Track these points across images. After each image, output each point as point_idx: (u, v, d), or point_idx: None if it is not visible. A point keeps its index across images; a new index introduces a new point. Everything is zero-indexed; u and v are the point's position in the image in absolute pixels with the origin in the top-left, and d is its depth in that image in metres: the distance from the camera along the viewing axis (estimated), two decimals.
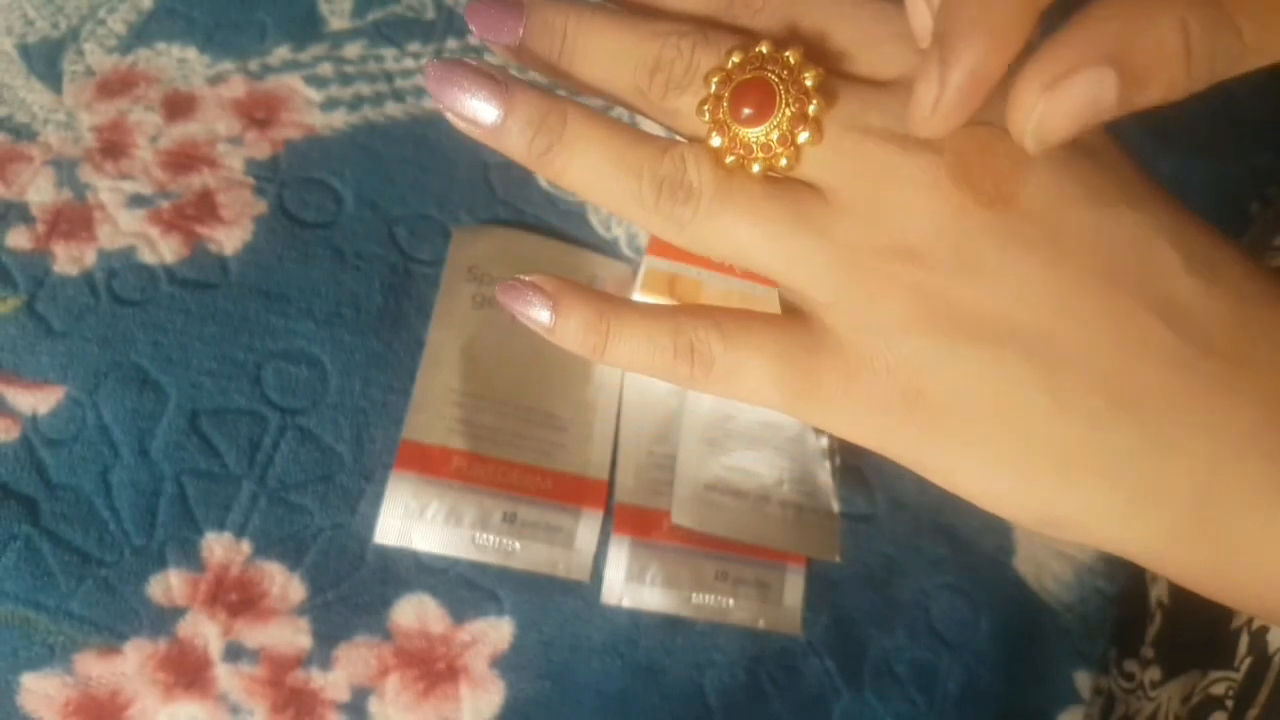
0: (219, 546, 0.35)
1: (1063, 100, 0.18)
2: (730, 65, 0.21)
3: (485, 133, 0.22)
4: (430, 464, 0.37)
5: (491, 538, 0.37)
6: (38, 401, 0.36)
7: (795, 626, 0.38)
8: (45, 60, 0.43)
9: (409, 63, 0.45)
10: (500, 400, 0.39)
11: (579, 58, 0.22)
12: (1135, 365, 0.19)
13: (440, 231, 0.42)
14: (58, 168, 0.40)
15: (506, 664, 0.35)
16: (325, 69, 0.44)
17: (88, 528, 0.35)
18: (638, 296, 0.39)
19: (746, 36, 0.22)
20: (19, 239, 0.39)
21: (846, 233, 0.21)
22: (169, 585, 0.34)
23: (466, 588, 0.36)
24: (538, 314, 0.23)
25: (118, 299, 0.38)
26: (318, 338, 0.39)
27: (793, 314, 0.22)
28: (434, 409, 0.38)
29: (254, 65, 0.44)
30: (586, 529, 0.38)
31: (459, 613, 0.36)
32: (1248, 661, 0.31)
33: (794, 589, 0.38)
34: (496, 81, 0.22)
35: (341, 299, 0.40)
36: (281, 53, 0.44)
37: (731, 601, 0.37)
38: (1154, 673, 0.36)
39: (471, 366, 0.39)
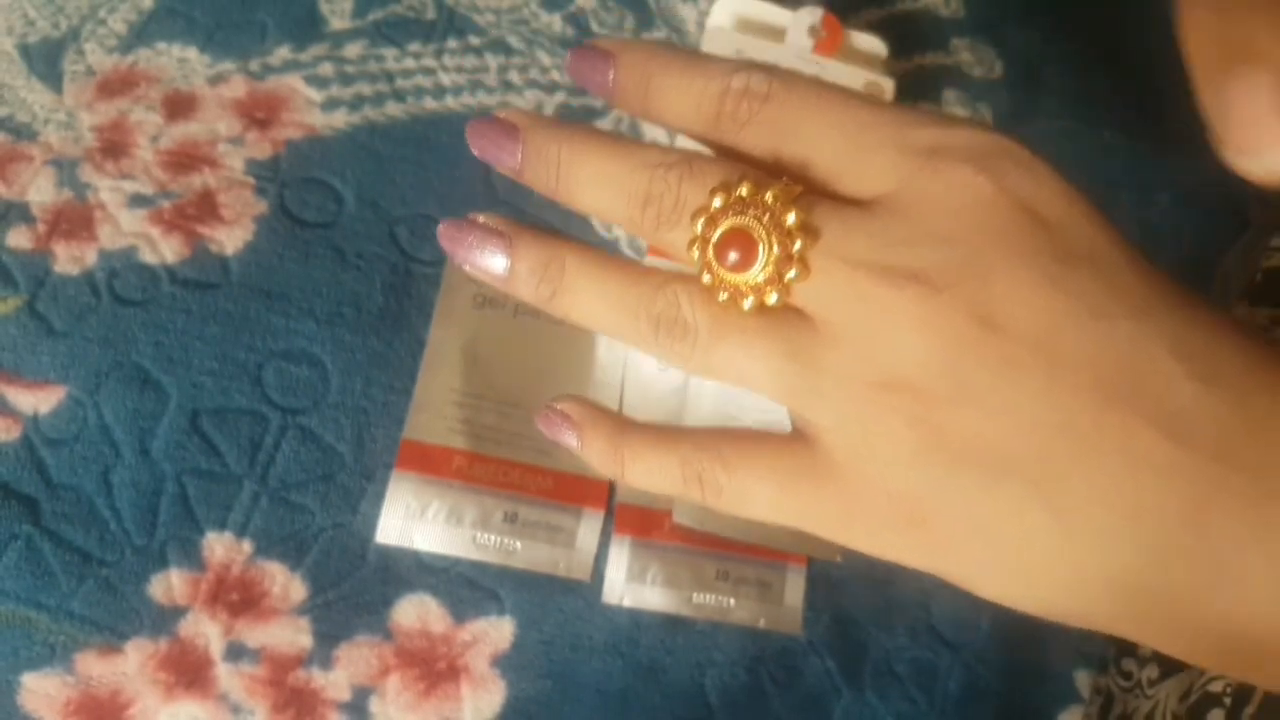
0: (220, 546, 0.35)
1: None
2: (714, 208, 0.21)
3: (497, 281, 0.23)
4: (431, 464, 0.37)
5: (492, 537, 0.37)
6: (39, 401, 0.36)
7: (796, 626, 0.38)
8: (46, 60, 0.43)
9: (409, 62, 0.45)
10: (501, 400, 0.39)
11: (574, 187, 0.23)
12: (1135, 479, 0.19)
13: None
14: (58, 167, 0.40)
15: (507, 663, 0.35)
16: (326, 69, 0.44)
17: (89, 527, 0.35)
18: None
19: (730, 165, 0.22)
20: (20, 239, 0.39)
21: (840, 364, 0.21)
22: (170, 585, 0.34)
23: (467, 587, 0.36)
24: (567, 440, 0.24)
25: (119, 299, 0.38)
26: (319, 337, 0.39)
27: (797, 434, 0.22)
28: (435, 409, 0.38)
29: (255, 65, 0.44)
30: (587, 529, 0.38)
31: (460, 612, 0.36)
32: None
33: (795, 589, 0.38)
34: (501, 235, 0.23)
35: (342, 299, 0.40)
36: (282, 53, 0.44)
37: (732, 601, 0.37)
38: (1151, 671, 0.36)
39: (472, 366, 0.39)
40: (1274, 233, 0.45)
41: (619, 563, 0.37)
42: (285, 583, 0.35)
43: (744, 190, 0.21)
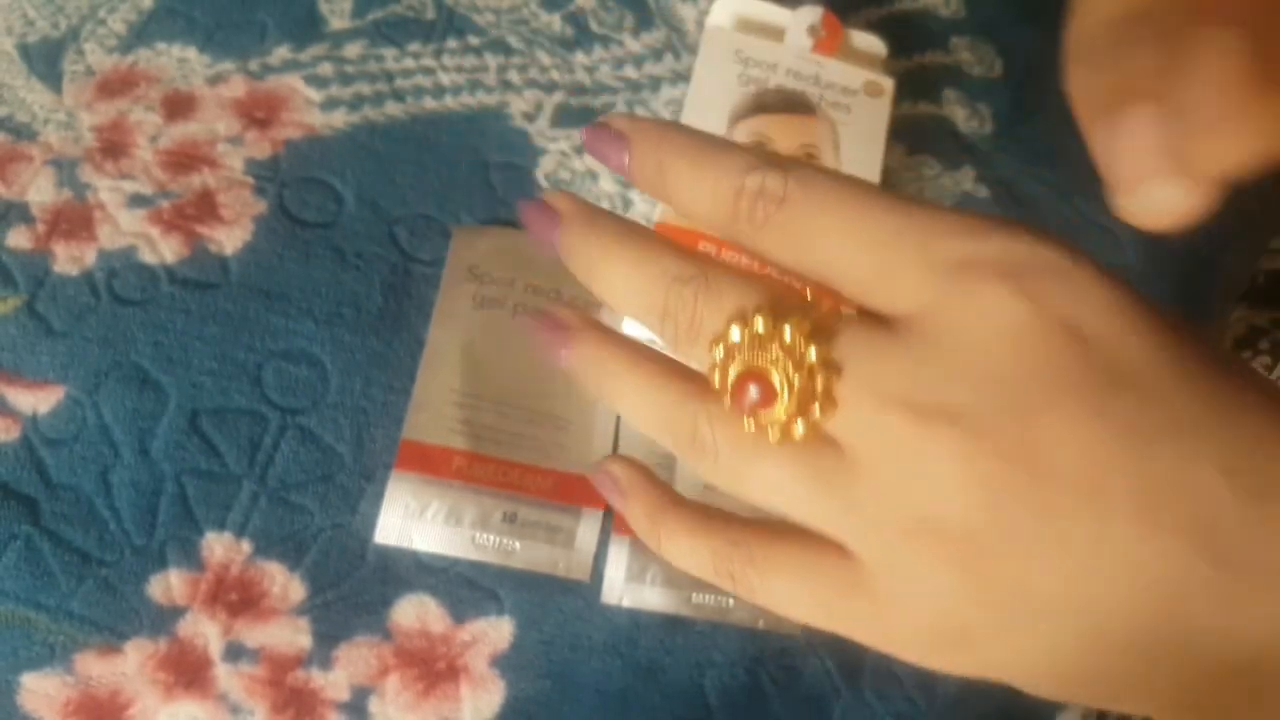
0: (219, 546, 0.35)
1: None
2: (730, 341, 0.21)
3: (562, 366, 0.24)
4: (430, 464, 0.37)
5: (492, 537, 0.37)
6: (38, 401, 0.36)
7: (795, 626, 0.38)
8: (45, 60, 0.43)
9: (409, 62, 0.45)
10: (500, 400, 0.39)
11: (604, 287, 0.23)
12: (1181, 606, 0.19)
13: (441, 231, 0.42)
14: (58, 167, 0.40)
15: (507, 663, 0.35)
16: (325, 69, 0.44)
17: (88, 527, 0.35)
18: None
19: (747, 284, 0.21)
20: (19, 239, 0.39)
21: (875, 499, 0.20)
22: (169, 585, 0.34)
23: (467, 587, 0.36)
24: (613, 502, 0.25)
25: (118, 299, 0.38)
26: (318, 337, 0.39)
27: (833, 540, 0.22)
28: (434, 409, 0.38)
29: (254, 65, 0.44)
30: (587, 529, 0.38)
31: (459, 612, 0.36)
32: None
33: None
34: (564, 328, 0.24)
35: (342, 299, 0.40)
36: (282, 52, 0.44)
37: (732, 602, 0.37)
38: None
39: (472, 366, 0.39)
40: (1274, 234, 0.45)
41: (618, 563, 0.37)
42: (284, 583, 0.35)
43: (759, 325, 0.20)
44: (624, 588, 0.37)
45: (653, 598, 0.37)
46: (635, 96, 0.47)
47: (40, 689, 0.32)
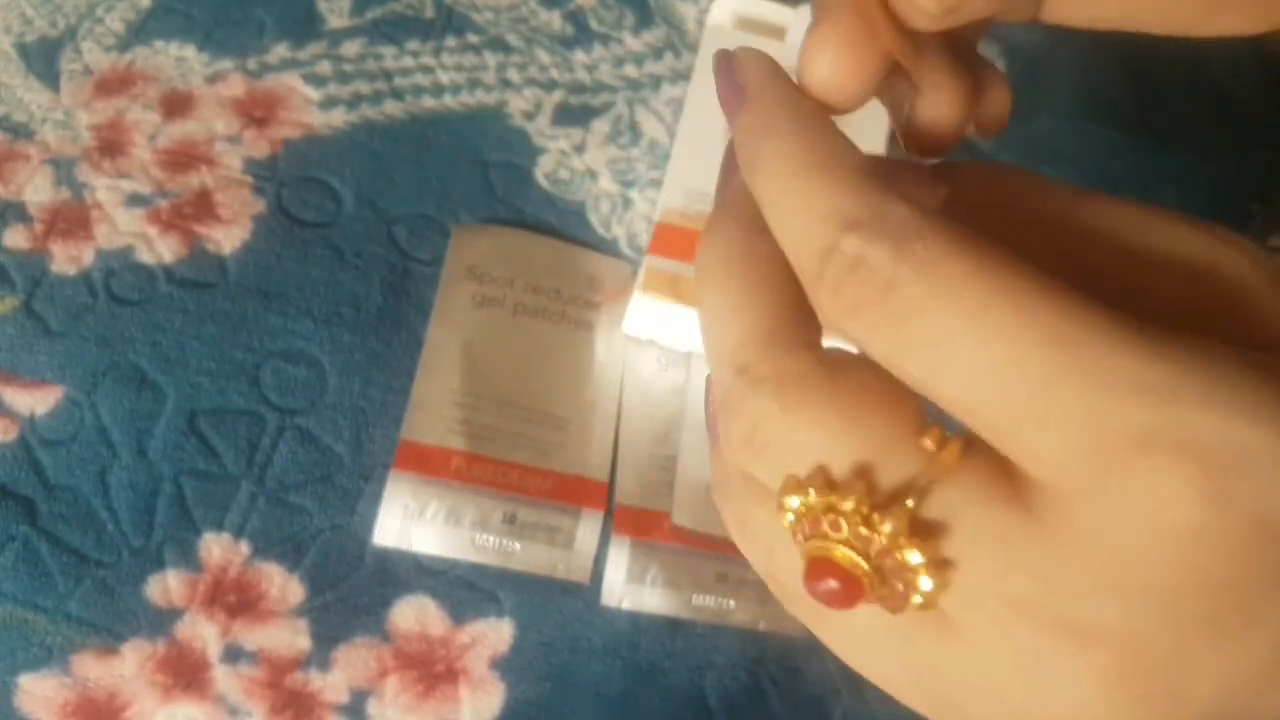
0: (217, 547, 0.35)
1: None
2: (792, 507, 0.16)
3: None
4: (429, 464, 0.37)
5: (491, 539, 0.36)
6: (36, 402, 0.36)
7: (796, 627, 0.38)
8: (43, 59, 0.43)
9: (408, 61, 0.45)
10: (500, 400, 0.39)
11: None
12: None
13: (439, 231, 0.41)
14: (56, 167, 0.40)
15: (506, 665, 0.35)
16: (324, 67, 0.44)
17: (86, 528, 0.34)
18: (638, 296, 0.39)
19: (837, 416, 0.16)
20: (16, 238, 0.38)
21: (983, 687, 0.16)
22: (167, 586, 0.34)
23: (466, 589, 0.36)
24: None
25: (116, 299, 0.38)
26: (316, 337, 0.39)
27: None
28: (433, 409, 0.38)
29: (252, 64, 0.44)
30: (587, 530, 0.37)
31: (458, 614, 0.36)
32: None
33: None
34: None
35: (340, 298, 0.39)
36: (280, 51, 0.44)
37: (732, 603, 0.37)
38: None
39: (471, 366, 0.39)
40: (1271, 233, 0.45)
41: (618, 564, 0.37)
42: (283, 584, 0.35)
43: (847, 503, 0.15)
44: (624, 589, 0.37)
45: (652, 599, 0.37)
46: (635, 95, 0.46)
47: (38, 690, 0.32)
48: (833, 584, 0.16)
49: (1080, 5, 0.20)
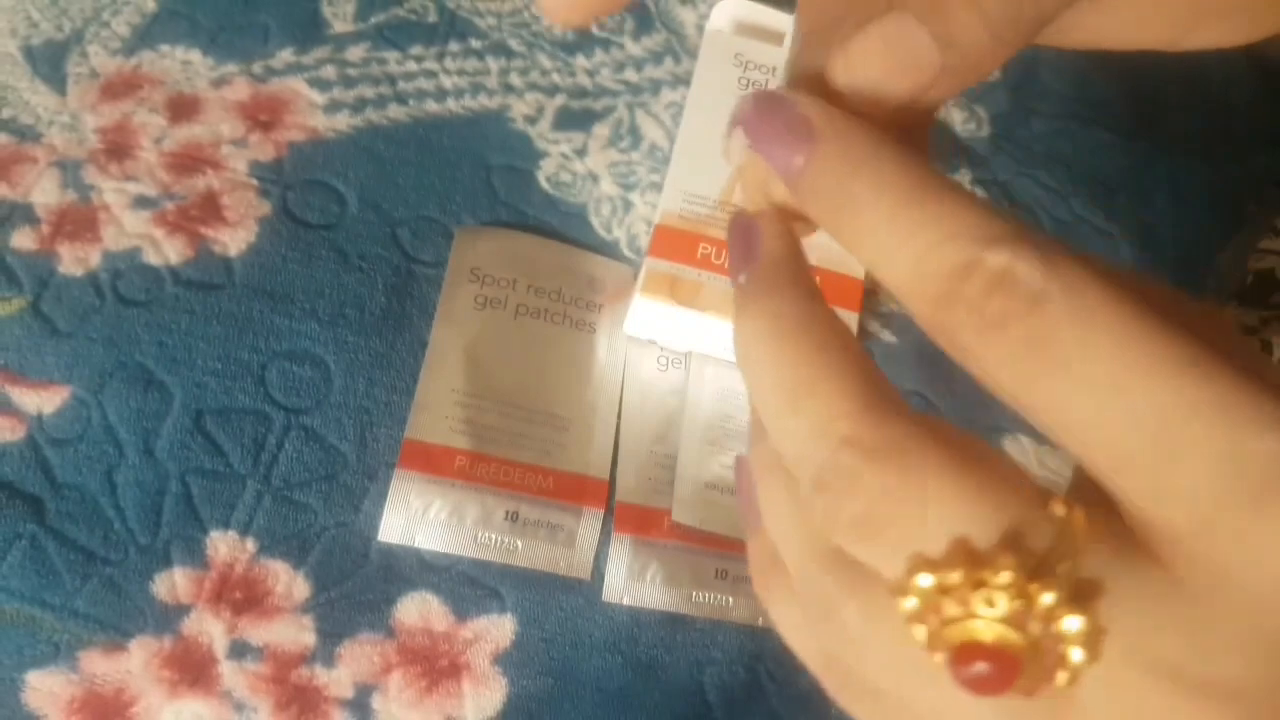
0: (223, 545, 0.35)
1: (870, 38, 0.16)
2: (939, 577, 0.14)
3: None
4: (433, 463, 0.37)
5: (494, 536, 0.37)
6: (43, 401, 0.36)
7: None
8: (49, 62, 0.43)
9: (411, 65, 0.46)
10: (502, 400, 0.39)
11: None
12: None
13: (442, 233, 0.42)
14: (62, 169, 0.40)
15: (508, 661, 0.36)
16: (328, 71, 0.45)
17: (93, 526, 0.35)
18: (638, 298, 0.39)
19: (969, 493, 0.15)
20: (24, 240, 0.39)
21: None
22: (174, 583, 0.35)
23: (469, 586, 0.36)
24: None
25: (123, 300, 0.38)
26: (321, 338, 0.39)
27: None
28: (437, 409, 0.38)
29: (257, 68, 0.44)
30: (588, 528, 0.38)
31: (462, 610, 0.36)
32: None
33: None
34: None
35: (345, 300, 0.40)
36: (285, 55, 0.45)
37: (731, 600, 0.38)
38: None
39: (474, 367, 0.39)
40: (1264, 234, 0.46)
41: (619, 561, 0.37)
42: (288, 581, 0.35)
43: (1002, 576, 0.14)
44: (625, 586, 0.37)
45: (653, 596, 0.37)
46: (636, 99, 0.47)
47: (45, 687, 0.33)
48: (983, 668, 0.14)
49: (1055, 30, 0.20)
